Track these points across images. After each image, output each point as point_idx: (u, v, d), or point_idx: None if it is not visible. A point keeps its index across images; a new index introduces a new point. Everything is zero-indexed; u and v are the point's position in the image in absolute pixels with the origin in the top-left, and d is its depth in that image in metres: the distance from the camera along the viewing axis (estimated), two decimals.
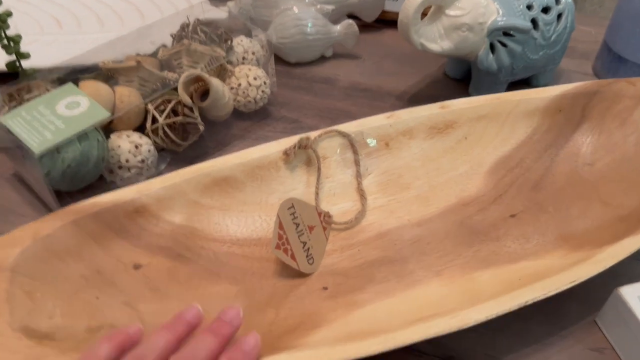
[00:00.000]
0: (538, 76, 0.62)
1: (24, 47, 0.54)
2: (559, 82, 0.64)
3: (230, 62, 0.56)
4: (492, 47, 0.55)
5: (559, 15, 0.57)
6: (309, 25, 0.65)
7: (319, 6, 0.66)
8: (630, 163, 0.47)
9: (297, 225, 0.43)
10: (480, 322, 0.34)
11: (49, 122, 0.44)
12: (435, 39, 0.54)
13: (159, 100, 0.50)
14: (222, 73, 0.55)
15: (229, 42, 0.57)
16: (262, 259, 0.43)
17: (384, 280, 0.42)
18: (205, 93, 0.51)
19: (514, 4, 0.54)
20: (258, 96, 0.56)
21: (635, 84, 0.50)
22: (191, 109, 0.51)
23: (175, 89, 0.50)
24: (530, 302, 0.36)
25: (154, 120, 0.50)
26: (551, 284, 0.37)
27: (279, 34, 0.65)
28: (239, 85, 0.55)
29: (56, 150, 0.44)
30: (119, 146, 0.48)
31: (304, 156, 0.47)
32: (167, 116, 0.50)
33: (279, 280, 0.42)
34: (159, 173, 0.51)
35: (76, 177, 0.46)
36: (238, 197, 0.45)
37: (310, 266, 0.42)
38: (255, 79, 0.55)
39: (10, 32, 0.53)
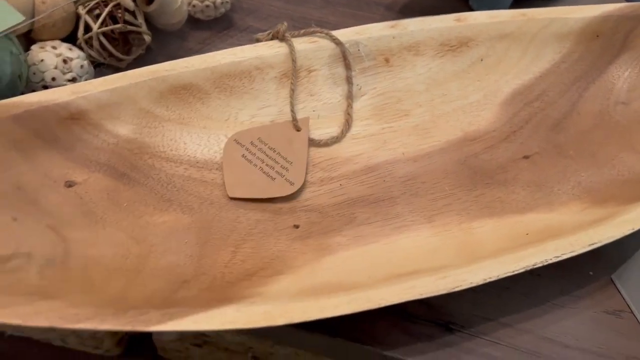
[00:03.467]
0: None
1: None
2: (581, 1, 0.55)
3: None
4: None
5: None
6: None
7: None
8: None
9: (256, 154, 0.36)
10: (475, 285, 0.28)
11: None
12: None
13: (93, 3, 0.41)
14: None
15: None
16: (224, 186, 0.36)
17: (365, 222, 0.35)
18: None
19: None
20: (218, 0, 0.47)
21: None
22: (134, 15, 0.42)
23: None
24: (538, 265, 0.29)
25: (87, 28, 0.41)
26: (566, 245, 0.30)
27: None
28: None
29: None
30: (42, 60, 0.39)
31: (283, 66, 0.39)
32: (104, 23, 0.40)
33: (242, 213, 0.35)
34: None
35: None
36: (201, 111, 0.37)
37: (290, 186, 0.36)
38: None
39: None
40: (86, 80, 0.40)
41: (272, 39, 0.39)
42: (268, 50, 0.38)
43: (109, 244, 0.31)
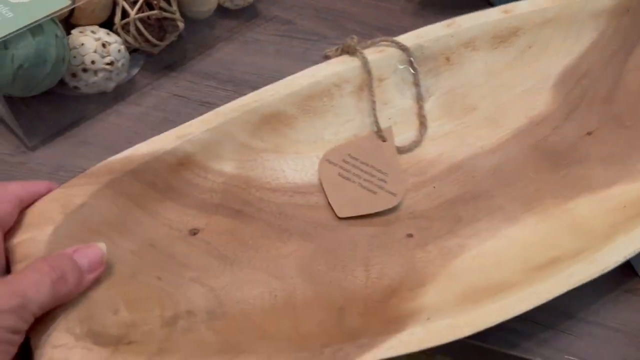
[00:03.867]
0: None
1: None
2: None
3: None
4: None
5: None
6: None
7: None
8: None
9: (351, 170, 0.37)
10: (619, 264, 0.30)
11: None
12: None
13: None
14: None
15: None
16: (329, 207, 0.36)
17: (473, 220, 0.37)
18: None
19: None
20: None
21: None
22: (169, 2, 0.43)
23: None
24: None
25: (125, 14, 0.42)
26: None
27: None
28: None
29: (3, 45, 0.35)
30: (83, 44, 0.40)
31: (358, 79, 0.39)
32: (141, 9, 0.41)
33: (356, 231, 0.36)
34: (131, 78, 0.45)
35: (31, 81, 0.37)
36: (290, 136, 0.37)
37: (393, 197, 0.36)
38: None
39: None
40: (122, 64, 0.42)
41: (342, 54, 0.39)
42: (342, 66, 0.39)
43: (251, 285, 0.31)
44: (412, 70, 0.41)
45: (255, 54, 0.49)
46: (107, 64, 0.41)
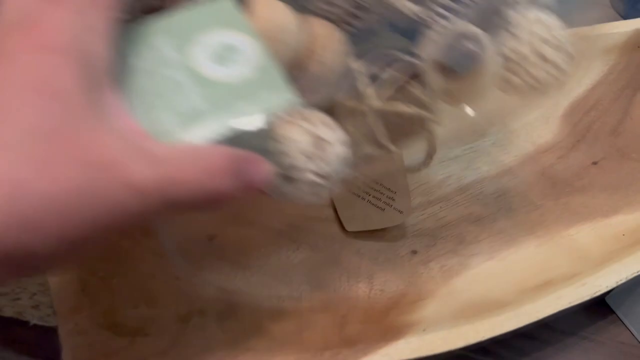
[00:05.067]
0: None
1: None
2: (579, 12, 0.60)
3: None
4: None
5: None
6: None
7: None
8: None
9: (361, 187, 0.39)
10: (610, 288, 0.32)
11: (176, 89, 0.19)
12: None
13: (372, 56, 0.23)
14: None
15: None
16: (338, 221, 0.39)
17: (475, 241, 0.38)
18: None
19: None
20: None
21: None
22: (427, 91, 0.28)
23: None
24: None
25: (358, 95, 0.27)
26: None
27: None
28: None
29: None
30: (287, 138, 0.23)
31: None
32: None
33: (362, 245, 0.38)
34: None
35: None
36: None
37: (401, 214, 0.38)
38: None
39: None
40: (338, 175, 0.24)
41: None
42: None
43: (261, 289, 0.33)
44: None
45: None
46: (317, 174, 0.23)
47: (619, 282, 0.32)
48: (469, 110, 0.28)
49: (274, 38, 0.22)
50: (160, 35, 0.19)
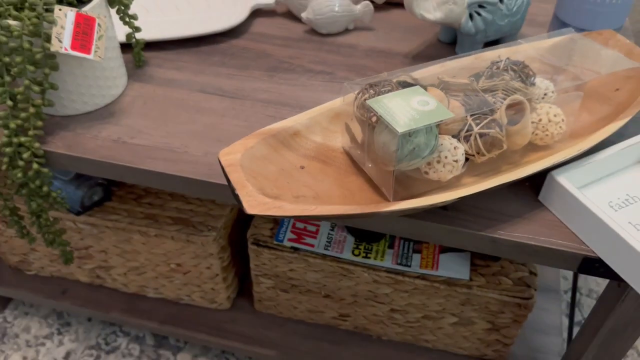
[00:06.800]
0: (506, 38, 0.87)
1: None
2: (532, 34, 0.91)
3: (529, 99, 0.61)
4: (471, 16, 0.79)
5: None
6: (337, 5, 0.90)
7: None
8: None
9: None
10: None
11: (406, 111, 0.54)
12: (430, 11, 0.77)
13: (475, 115, 0.58)
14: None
15: (532, 78, 0.63)
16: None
17: None
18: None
19: None
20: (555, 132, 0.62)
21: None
22: (500, 127, 0.58)
23: (487, 112, 0.58)
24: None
25: (469, 128, 0.58)
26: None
27: (315, 13, 0.90)
28: (539, 120, 0.62)
29: (409, 133, 0.54)
30: (441, 144, 0.57)
31: None
32: (481, 128, 0.57)
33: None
34: (461, 175, 0.60)
35: (414, 158, 0.55)
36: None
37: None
38: (555, 115, 0.62)
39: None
40: (460, 164, 0.57)
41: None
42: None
43: (330, 187, 0.60)
44: None
45: None
46: (454, 160, 0.56)
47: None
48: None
49: (439, 100, 0.57)
50: (400, 97, 0.57)
